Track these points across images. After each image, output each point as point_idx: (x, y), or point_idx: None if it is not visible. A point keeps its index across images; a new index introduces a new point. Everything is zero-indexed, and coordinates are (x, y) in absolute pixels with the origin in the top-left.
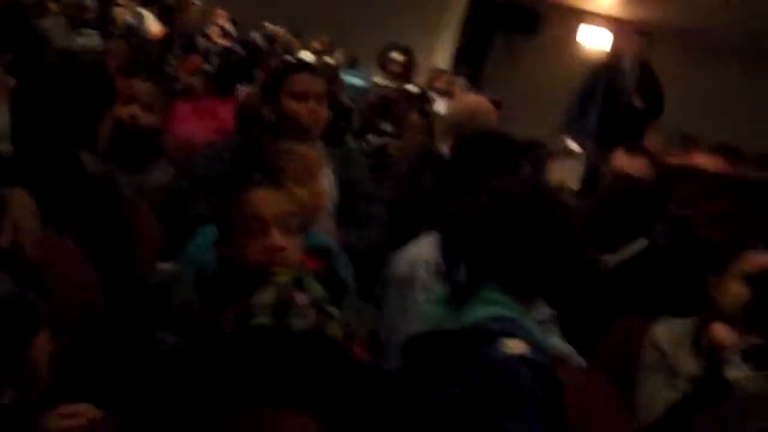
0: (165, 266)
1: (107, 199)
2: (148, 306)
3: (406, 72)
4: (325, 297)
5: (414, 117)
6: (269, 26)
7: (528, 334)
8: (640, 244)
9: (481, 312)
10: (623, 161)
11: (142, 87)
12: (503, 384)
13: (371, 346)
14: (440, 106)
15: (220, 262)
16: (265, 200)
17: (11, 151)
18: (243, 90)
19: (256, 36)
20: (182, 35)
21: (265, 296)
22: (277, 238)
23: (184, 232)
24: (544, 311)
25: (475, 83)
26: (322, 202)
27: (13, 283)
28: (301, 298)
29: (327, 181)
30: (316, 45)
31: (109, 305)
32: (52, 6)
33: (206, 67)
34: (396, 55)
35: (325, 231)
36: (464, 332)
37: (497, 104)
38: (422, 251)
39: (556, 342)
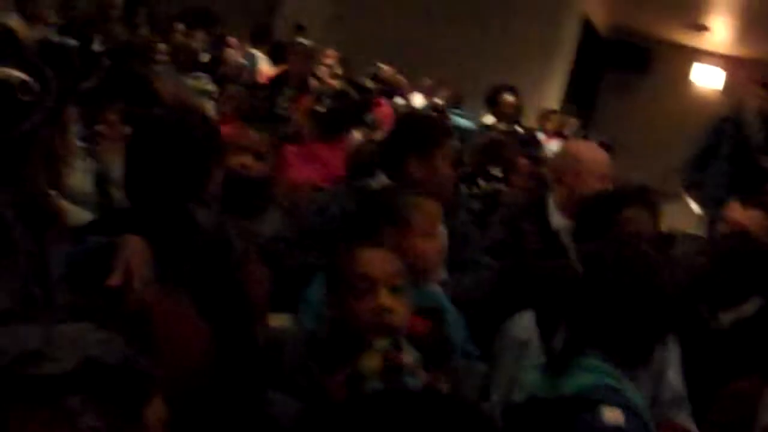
0: (276, 318)
1: (219, 253)
2: (260, 364)
3: (517, 113)
4: (420, 359)
5: (523, 162)
6: (379, 66)
7: (629, 403)
8: (755, 302)
9: (580, 380)
10: (738, 213)
11: (254, 136)
12: None
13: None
14: (552, 146)
15: (330, 322)
16: (374, 260)
17: (125, 200)
18: (354, 135)
19: (364, 79)
20: (294, 76)
21: (372, 362)
22: (385, 298)
23: (293, 282)
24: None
25: (586, 123)
26: (441, 258)
27: (126, 347)
28: (407, 358)
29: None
30: (426, 83)
31: (220, 361)
32: (161, 47)
33: (319, 108)
34: (508, 96)
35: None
36: (563, 401)
37: (607, 147)
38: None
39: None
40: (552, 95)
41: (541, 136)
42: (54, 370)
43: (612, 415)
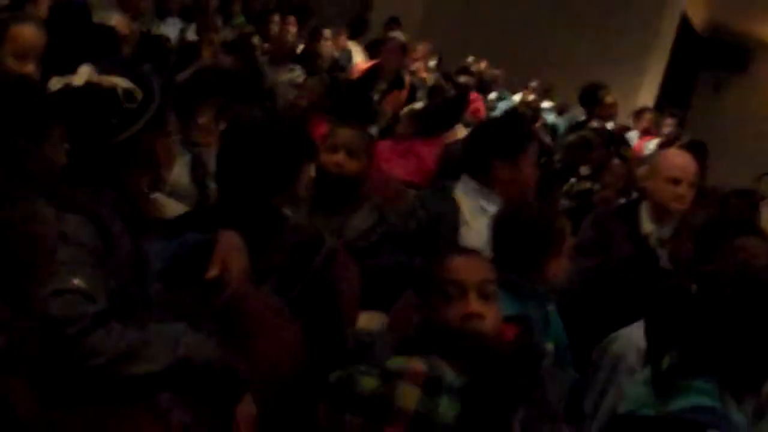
0: (366, 317)
1: (308, 251)
2: (348, 364)
3: (615, 113)
4: None
5: (615, 162)
6: (471, 60)
7: (735, 429)
8: None
9: (686, 401)
10: None
11: (347, 134)
12: None
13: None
14: (650, 145)
15: (418, 326)
16: (465, 266)
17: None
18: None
19: (462, 77)
20: (387, 70)
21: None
22: (475, 305)
23: (383, 279)
24: None
25: (681, 122)
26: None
27: (220, 349)
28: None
29: None
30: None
31: (310, 361)
32: (255, 40)
33: (416, 105)
34: (607, 96)
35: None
36: (668, 420)
37: (702, 148)
38: (634, 335)
39: None
40: (647, 93)
41: (633, 134)
42: (147, 369)
43: None
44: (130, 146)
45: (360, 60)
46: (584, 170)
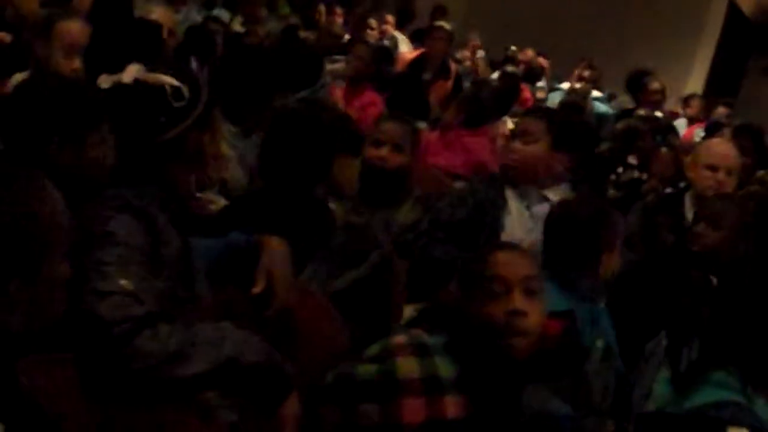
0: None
1: (362, 250)
2: None
3: (660, 99)
4: None
5: (663, 151)
6: (515, 50)
7: (757, 423)
8: None
9: (708, 396)
10: None
11: (392, 129)
12: None
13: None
14: (702, 132)
15: (463, 322)
16: (510, 262)
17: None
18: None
19: (509, 66)
20: (432, 59)
21: None
22: (520, 301)
23: (429, 273)
24: None
25: (731, 108)
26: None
27: (269, 348)
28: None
29: None
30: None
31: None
32: (306, 35)
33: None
34: (652, 82)
35: None
36: (690, 417)
37: (755, 131)
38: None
39: None
40: (696, 80)
41: (682, 121)
42: (194, 371)
43: None
44: (178, 144)
45: (406, 49)
46: (632, 159)
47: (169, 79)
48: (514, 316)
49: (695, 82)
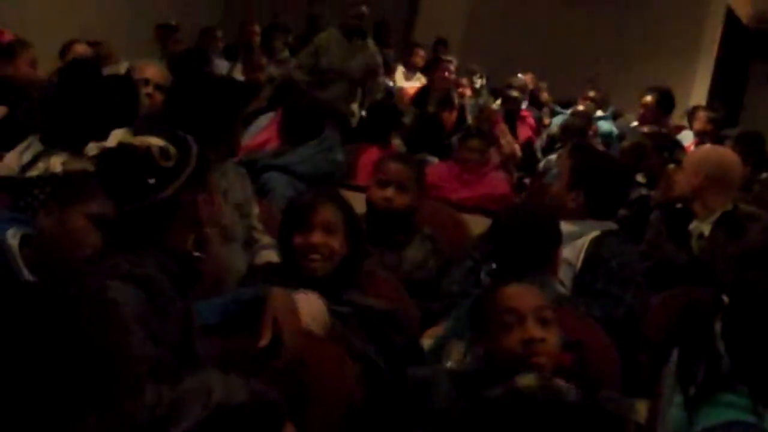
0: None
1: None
2: (408, 404)
3: (660, 115)
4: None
5: (671, 168)
6: (521, 77)
7: None
8: None
9: (717, 416)
10: None
11: (396, 169)
12: None
13: None
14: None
15: (477, 359)
16: (521, 294)
17: None
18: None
19: (513, 91)
20: (437, 92)
21: (527, 381)
22: (535, 329)
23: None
24: None
25: (734, 117)
26: None
27: (249, 386)
28: (561, 382)
29: None
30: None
31: (368, 400)
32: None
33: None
34: (647, 97)
35: None
36: None
37: (757, 139)
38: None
39: None
40: (699, 91)
41: (688, 133)
42: (186, 425)
43: None
44: (171, 205)
45: (403, 82)
46: (640, 177)
47: (155, 140)
48: (531, 344)
49: (699, 93)
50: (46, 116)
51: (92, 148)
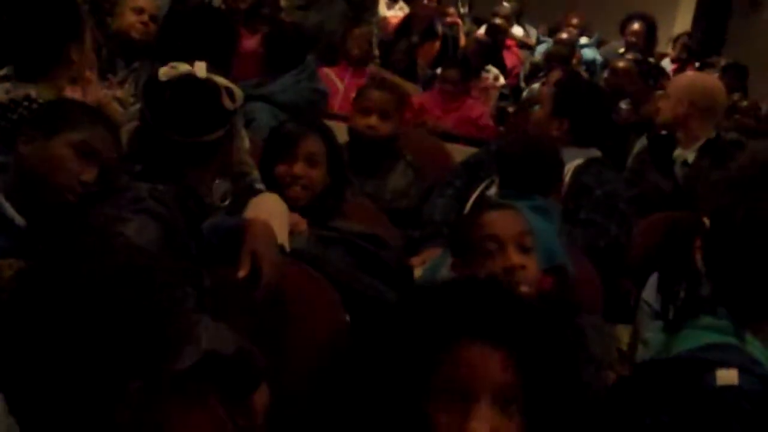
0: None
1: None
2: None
3: (646, 42)
4: None
5: (656, 95)
6: (505, 6)
7: (747, 362)
8: None
9: (698, 339)
10: None
11: (379, 97)
12: (712, 416)
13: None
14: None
15: None
16: (502, 221)
17: None
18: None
19: (497, 18)
20: (419, 20)
21: None
22: (516, 257)
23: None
24: None
25: (718, 43)
26: None
27: (241, 341)
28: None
29: None
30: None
31: (353, 324)
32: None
33: None
34: (634, 25)
35: None
36: (680, 361)
37: (742, 71)
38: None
39: None
40: (684, 18)
41: (666, 62)
42: (182, 365)
43: (726, 375)
44: (214, 147)
45: (386, 11)
46: (624, 104)
47: (222, 80)
48: (512, 271)
49: (684, 21)
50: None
51: (164, 73)
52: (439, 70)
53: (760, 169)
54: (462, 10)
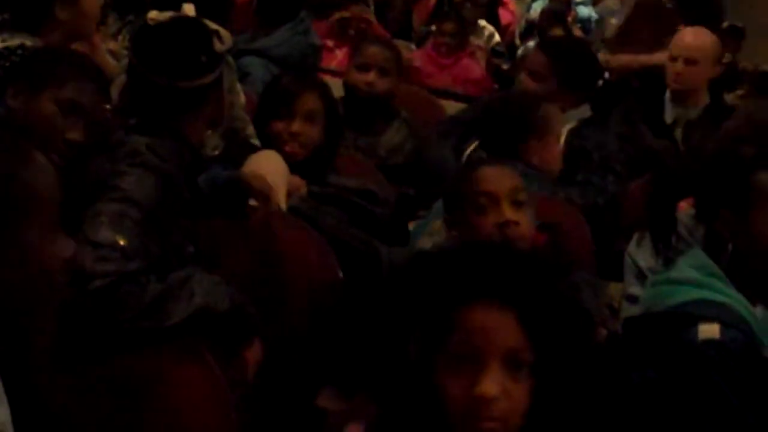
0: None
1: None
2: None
3: None
4: None
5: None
6: None
7: (727, 316)
8: None
9: (686, 294)
10: None
11: (378, 53)
12: (694, 370)
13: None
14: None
15: (452, 241)
16: (495, 176)
17: None
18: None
19: None
20: None
21: None
22: (509, 212)
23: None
24: None
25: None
26: None
27: (236, 297)
28: None
29: None
30: None
31: (347, 279)
32: None
33: None
34: None
35: None
36: (665, 316)
37: (739, 32)
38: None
39: None
40: None
41: None
42: (173, 321)
43: (708, 330)
44: (204, 93)
45: None
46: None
47: (210, 23)
48: (506, 226)
49: None
50: None
51: (153, 17)
52: (433, 27)
53: (754, 129)
54: None
